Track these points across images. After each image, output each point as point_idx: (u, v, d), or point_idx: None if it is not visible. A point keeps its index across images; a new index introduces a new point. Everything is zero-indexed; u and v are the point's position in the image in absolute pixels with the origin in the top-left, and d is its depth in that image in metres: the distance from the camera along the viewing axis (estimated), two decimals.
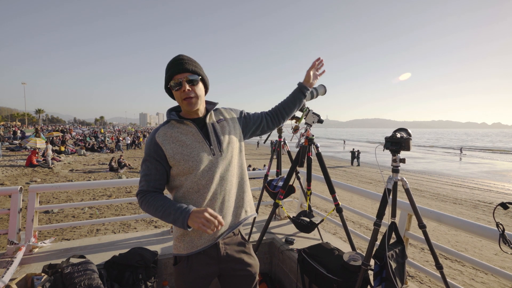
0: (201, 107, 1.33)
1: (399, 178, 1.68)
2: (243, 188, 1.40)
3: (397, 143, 1.61)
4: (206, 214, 1.09)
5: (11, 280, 1.86)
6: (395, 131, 1.68)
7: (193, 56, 1.28)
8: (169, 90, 1.28)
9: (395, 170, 1.67)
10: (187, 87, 1.20)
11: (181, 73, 1.20)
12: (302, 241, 2.74)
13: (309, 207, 2.67)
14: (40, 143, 18.83)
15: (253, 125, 1.48)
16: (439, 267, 1.71)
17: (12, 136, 28.17)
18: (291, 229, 3.08)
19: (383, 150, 1.68)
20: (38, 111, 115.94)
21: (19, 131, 32.35)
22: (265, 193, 2.99)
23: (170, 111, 1.37)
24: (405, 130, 1.70)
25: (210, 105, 1.40)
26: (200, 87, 1.26)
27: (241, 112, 1.49)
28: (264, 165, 17.24)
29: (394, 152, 1.64)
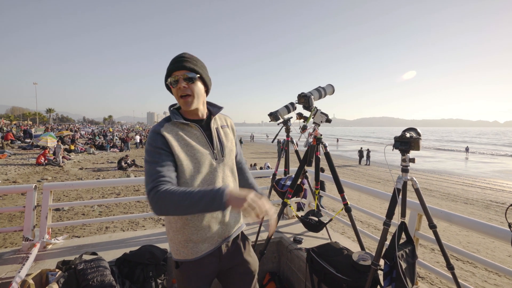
0: (201, 107, 1.28)
1: (408, 177, 1.67)
2: None
3: (407, 142, 1.60)
4: (251, 195, 0.95)
5: (27, 275, 1.92)
6: (404, 131, 1.67)
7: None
8: (169, 87, 1.24)
9: (405, 169, 1.66)
10: (183, 84, 1.17)
11: (179, 70, 1.17)
12: (311, 241, 2.74)
13: (317, 206, 2.67)
14: (51, 141, 19.22)
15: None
16: (450, 267, 1.69)
17: (22, 135, 28.78)
18: (299, 228, 3.08)
19: (392, 150, 1.67)
20: (49, 111, 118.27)
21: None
22: (273, 192, 3.00)
23: (172, 109, 1.32)
24: (414, 129, 1.69)
25: (214, 108, 1.37)
26: (198, 86, 1.21)
27: (237, 136, 1.49)
28: (265, 163, 17.31)
29: (404, 151, 1.63)
